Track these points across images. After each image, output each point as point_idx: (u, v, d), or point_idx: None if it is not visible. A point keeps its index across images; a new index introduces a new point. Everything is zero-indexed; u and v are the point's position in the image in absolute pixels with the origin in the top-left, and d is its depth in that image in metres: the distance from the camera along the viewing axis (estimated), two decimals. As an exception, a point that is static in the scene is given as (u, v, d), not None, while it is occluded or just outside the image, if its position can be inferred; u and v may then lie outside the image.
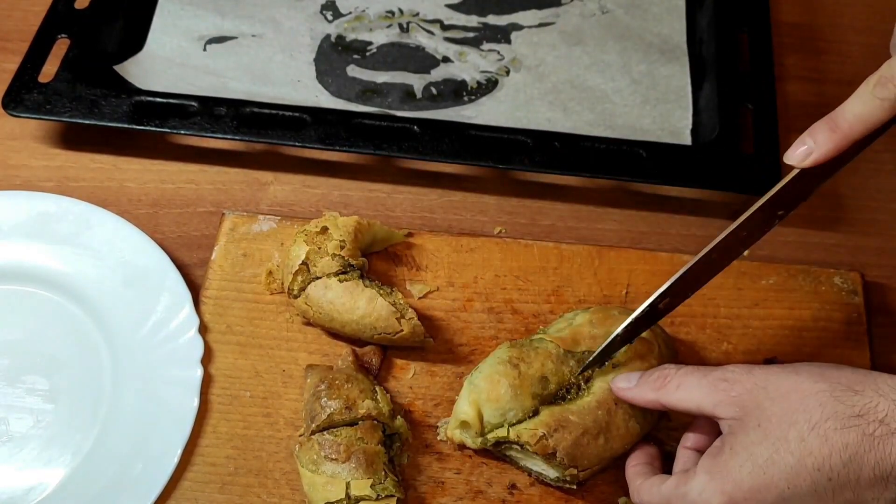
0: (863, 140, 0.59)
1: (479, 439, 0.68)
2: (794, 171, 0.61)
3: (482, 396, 0.67)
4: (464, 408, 0.68)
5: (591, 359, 0.68)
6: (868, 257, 0.82)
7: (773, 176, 0.79)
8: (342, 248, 0.73)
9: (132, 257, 0.77)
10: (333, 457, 0.66)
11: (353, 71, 0.92)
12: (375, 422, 0.68)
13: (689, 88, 0.89)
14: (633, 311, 0.67)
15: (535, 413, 0.67)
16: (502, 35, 0.94)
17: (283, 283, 0.75)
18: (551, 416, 0.66)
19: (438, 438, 0.71)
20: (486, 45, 0.93)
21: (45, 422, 0.72)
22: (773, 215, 0.64)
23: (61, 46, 0.86)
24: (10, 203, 0.80)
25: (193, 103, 0.83)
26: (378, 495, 0.65)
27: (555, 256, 0.79)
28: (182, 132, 0.82)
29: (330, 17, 0.95)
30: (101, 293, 0.76)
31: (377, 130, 0.82)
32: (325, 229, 0.74)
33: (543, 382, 0.68)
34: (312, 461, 0.66)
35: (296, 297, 0.73)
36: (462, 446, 0.70)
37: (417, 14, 0.95)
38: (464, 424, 0.68)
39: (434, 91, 0.90)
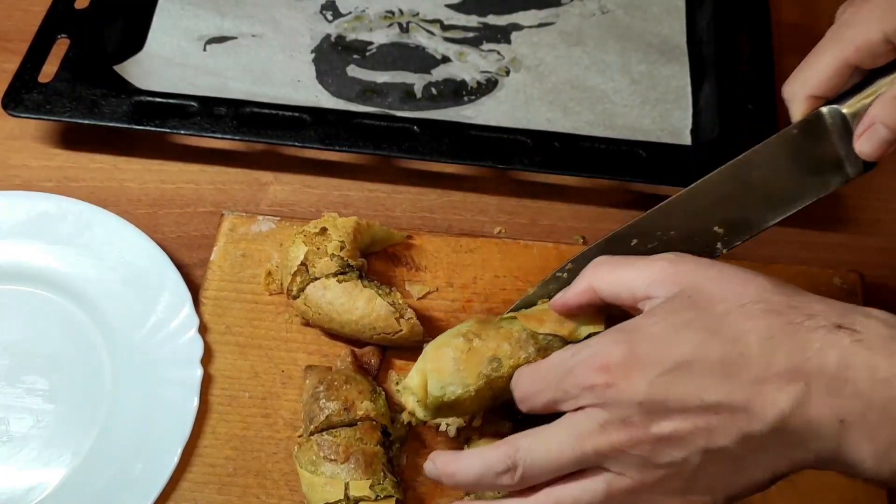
0: None
1: (424, 411, 0.65)
2: None
3: (428, 365, 0.64)
4: (412, 373, 0.65)
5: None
6: (868, 257, 0.82)
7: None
8: (341, 248, 0.73)
9: (132, 257, 0.77)
10: (332, 457, 0.66)
11: (353, 71, 0.92)
12: (374, 422, 0.68)
13: (689, 88, 0.89)
14: None
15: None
16: (502, 35, 0.94)
17: (282, 284, 0.75)
18: None
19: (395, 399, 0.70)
20: (485, 45, 0.93)
21: (44, 422, 0.72)
22: None
23: (61, 46, 0.86)
24: (10, 203, 0.80)
25: (193, 103, 0.83)
26: (377, 496, 0.65)
27: (554, 257, 0.79)
28: (182, 132, 0.82)
29: (330, 17, 0.95)
30: (101, 293, 0.76)
31: (377, 130, 0.82)
32: (323, 230, 0.74)
33: (495, 364, 0.63)
34: (311, 462, 0.66)
35: (295, 297, 0.73)
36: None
37: (417, 14, 0.95)
38: (409, 391, 0.66)
39: (434, 91, 0.90)
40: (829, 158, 0.61)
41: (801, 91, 0.61)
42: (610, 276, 0.60)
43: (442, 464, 0.59)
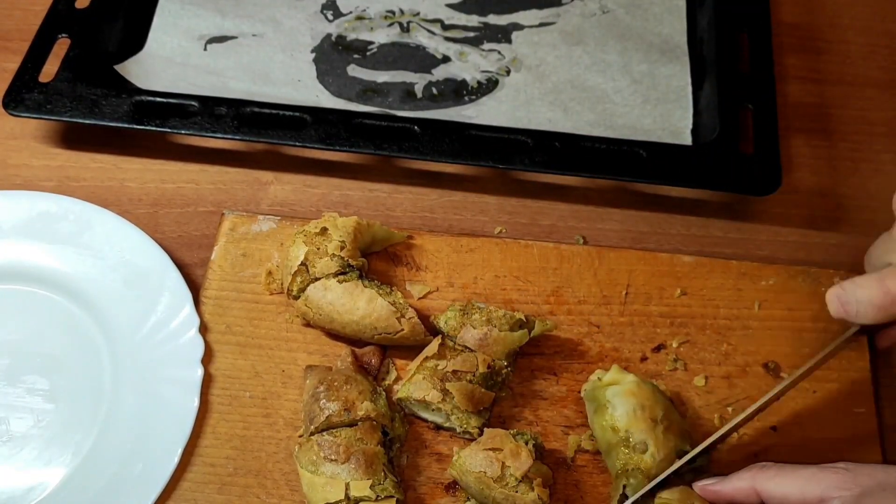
0: None
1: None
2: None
3: (635, 422, 0.69)
4: (626, 403, 0.70)
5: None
6: (868, 258, 0.82)
7: (773, 176, 0.80)
8: (342, 248, 0.73)
9: (132, 257, 0.77)
10: (333, 457, 0.66)
11: (354, 70, 0.92)
12: (374, 423, 0.68)
13: (690, 88, 0.89)
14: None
15: None
16: (503, 35, 0.94)
17: (282, 284, 0.75)
18: None
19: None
20: (486, 45, 0.93)
21: (45, 422, 0.72)
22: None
23: (62, 46, 0.86)
24: (11, 203, 0.80)
25: (194, 103, 0.83)
26: (377, 496, 0.65)
27: (555, 257, 0.79)
28: (182, 132, 0.82)
29: (330, 17, 0.95)
30: (102, 293, 0.76)
31: (377, 130, 0.82)
32: (324, 230, 0.74)
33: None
34: (312, 462, 0.66)
35: (295, 298, 0.73)
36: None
37: (418, 14, 0.95)
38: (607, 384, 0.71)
39: (434, 91, 0.90)
40: None
41: None
42: (778, 480, 0.62)
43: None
